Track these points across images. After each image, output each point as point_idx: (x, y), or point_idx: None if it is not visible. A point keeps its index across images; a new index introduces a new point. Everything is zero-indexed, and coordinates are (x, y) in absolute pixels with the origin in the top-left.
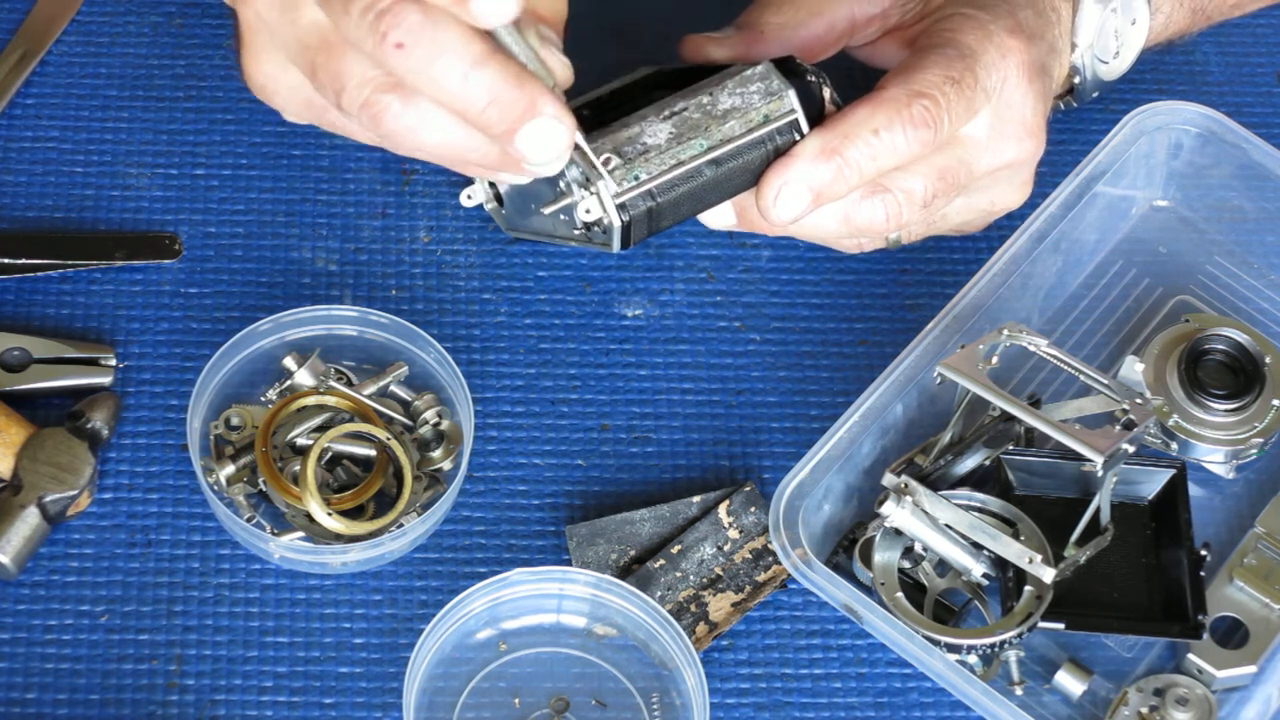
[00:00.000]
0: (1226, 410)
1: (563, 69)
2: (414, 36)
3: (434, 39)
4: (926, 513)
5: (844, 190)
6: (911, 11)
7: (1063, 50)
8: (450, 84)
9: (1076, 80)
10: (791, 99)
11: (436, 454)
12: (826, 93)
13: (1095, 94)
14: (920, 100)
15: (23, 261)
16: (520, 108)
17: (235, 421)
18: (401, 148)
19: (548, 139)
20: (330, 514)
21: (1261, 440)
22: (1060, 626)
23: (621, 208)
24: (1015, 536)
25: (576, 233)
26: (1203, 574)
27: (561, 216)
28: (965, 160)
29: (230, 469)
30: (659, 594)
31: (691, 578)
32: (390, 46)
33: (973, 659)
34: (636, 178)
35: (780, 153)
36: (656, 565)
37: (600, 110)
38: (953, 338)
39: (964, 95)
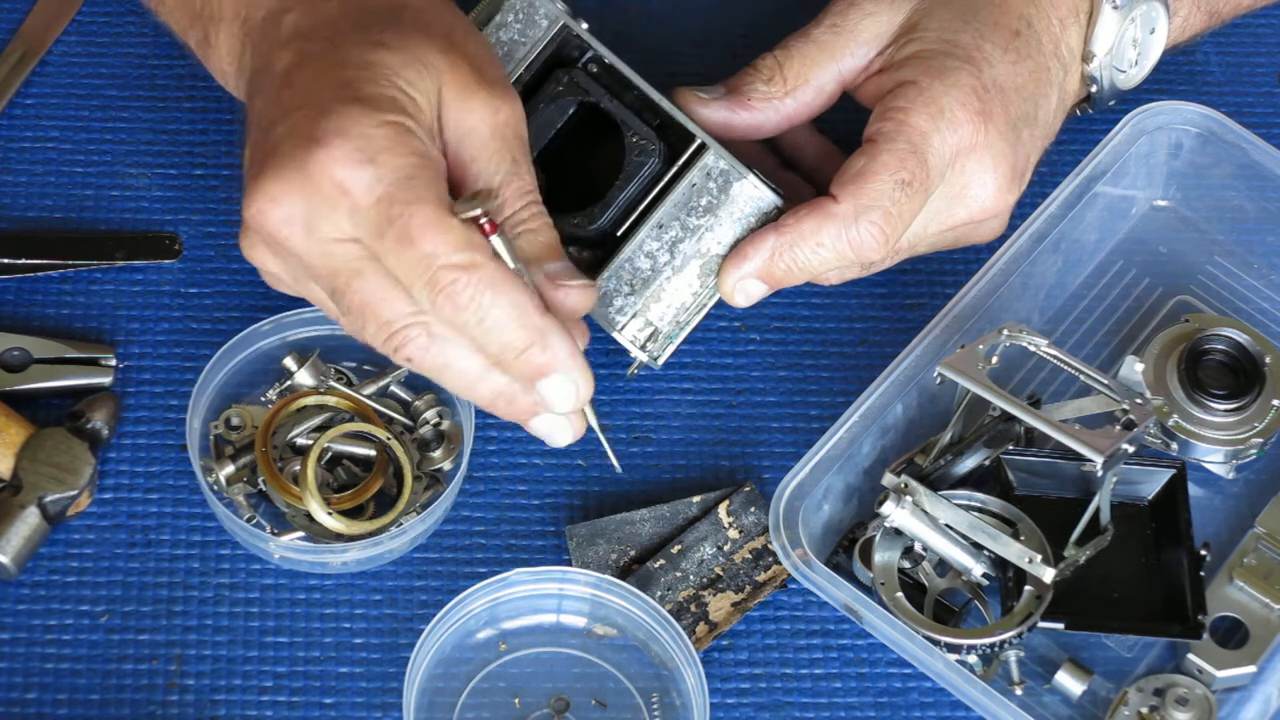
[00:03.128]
0: (1226, 410)
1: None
2: (471, 297)
3: (493, 298)
4: (926, 513)
5: (793, 283)
6: (898, 54)
7: (1068, 64)
8: (494, 336)
9: (1093, 89)
10: (770, 199)
11: (436, 454)
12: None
13: (1112, 102)
14: (868, 216)
15: (23, 261)
16: (546, 358)
17: (235, 421)
18: (415, 369)
19: (569, 392)
20: (330, 514)
21: (1261, 440)
22: (1060, 626)
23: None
24: (1015, 536)
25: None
26: (1203, 574)
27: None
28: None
29: (230, 469)
30: (659, 594)
31: (691, 578)
32: (443, 297)
33: (973, 659)
34: (670, 340)
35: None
36: (656, 565)
37: (550, 166)
38: (953, 338)
39: (915, 194)
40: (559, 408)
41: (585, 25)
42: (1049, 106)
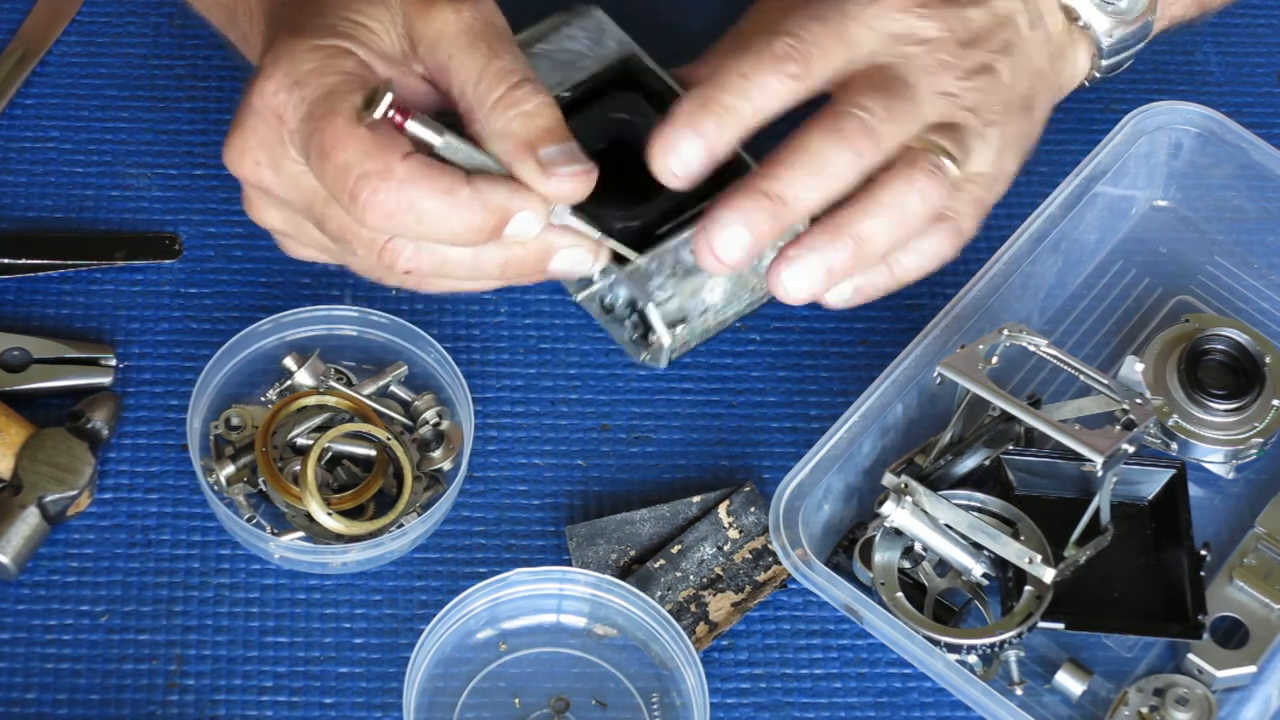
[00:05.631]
0: (1226, 410)
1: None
2: (396, 201)
3: (418, 194)
4: (926, 513)
5: (730, 138)
6: None
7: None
8: (440, 226)
9: (1080, 23)
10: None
11: (436, 454)
12: None
13: (1112, 38)
14: (781, 39)
15: (23, 261)
16: (495, 217)
17: (235, 421)
18: (419, 284)
19: (531, 218)
20: (330, 514)
21: (1261, 440)
22: (1060, 626)
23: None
24: (1015, 536)
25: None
26: (1203, 574)
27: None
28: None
29: (230, 469)
30: (659, 594)
31: (691, 578)
32: (366, 210)
33: (973, 659)
34: (692, 335)
35: None
36: (656, 565)
37: (577, 105)
38: (953, 338)
39: (828, 26)
40: (530, 235)
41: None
42: (1006, 5)
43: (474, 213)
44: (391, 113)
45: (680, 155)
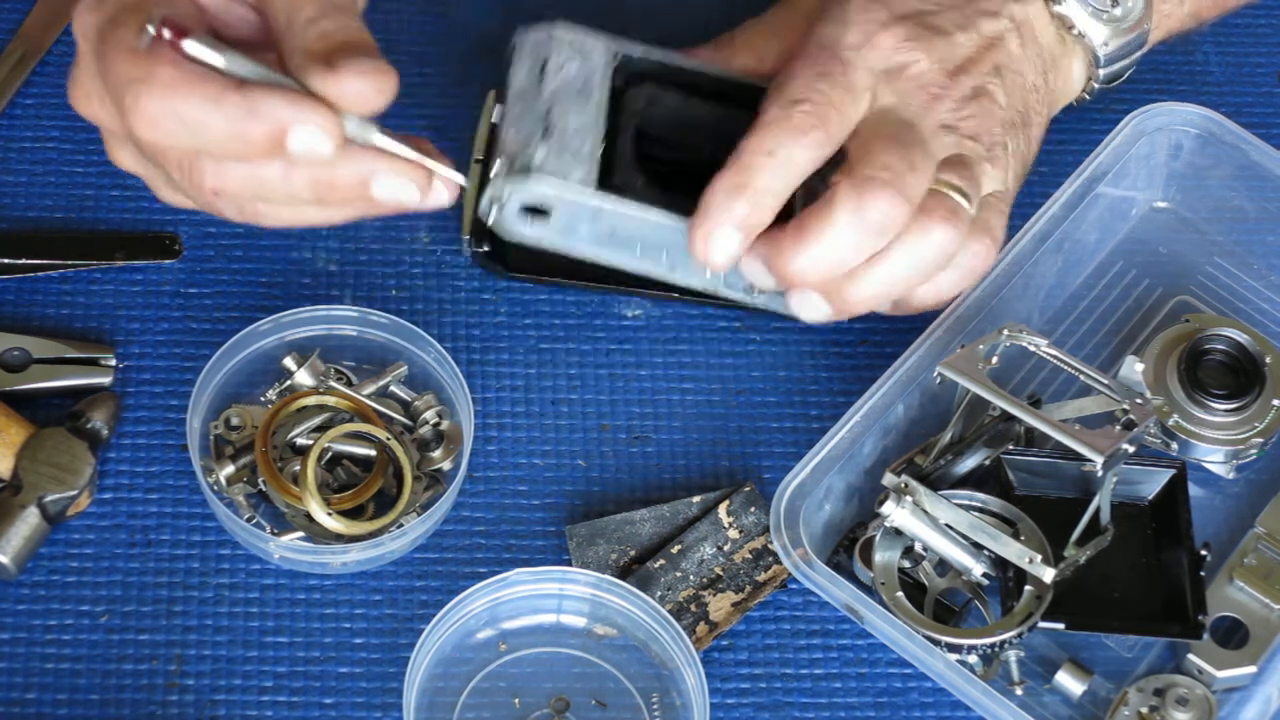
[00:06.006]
0: (1226, 410)
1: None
2: (159, 106)
3: (182, 99)
4: (926, 513)
5: (767, 217)
6: None
7: (1016, 12)
8: (210, 134)
9: (1075, 31)
10: None
11: (436, 454)
12: None
13: (1109, 45)
14: (798, 108)
15: (23, 261)
16: (267, 126)
17: (235, 421)
18: (232, 213)
19: (315, 133)
20: (330, 514)
21: (1261, 440)
22: (1060, 626)
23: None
24: (1015, 536)
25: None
26: (1203, 574)
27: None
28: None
29: (230, 469)
30: (659, 594)
31: (691, 578)
32: (132, 117)
33: (973, 659)
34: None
35: None
36: (656, 565)
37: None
38: (954, 338)
39: (837, 83)
40: (321, 153)
41: (637, 46)
42: (994, 26)
43: (242, 121)
44: (166, 32)
45: (721, 247)
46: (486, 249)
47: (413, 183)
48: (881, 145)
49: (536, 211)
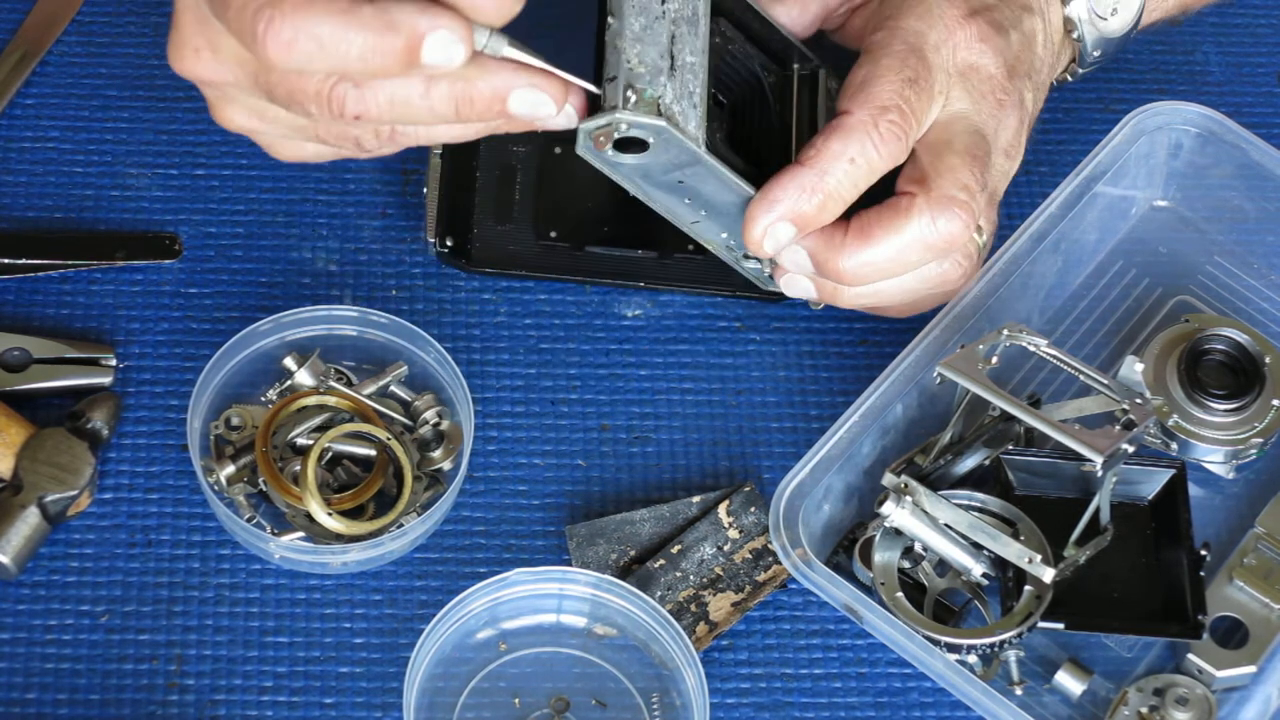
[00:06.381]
0: (1226, 410)
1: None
2: (293, 29)
3: (315, 19)
4: (926, 513)
5: (830, 219)
6: None
7: (1046, 10)
8: (346, 51)
9: (1075, 35)
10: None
11: (436, 454)
12: (831, 84)
13: (1097, 53)
14: (885, 117)
15: (23, 261)
16: (403, 38)
17: (235, 421)
18: (374, 129)
19: (450, 40)
20: (330, 514)
21: (1261, 440)
22: (1060, 626)
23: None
24: (1015, 536)
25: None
26: (1203, 574)
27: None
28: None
29: (230, 469)
30: (659, 594)
31: (691, 578)
32: (265, 46)
33: (973, 659)
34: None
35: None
36: (656, 565)
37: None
38: (953, 338)
39: (922, 91)
40: (454, 61)
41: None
42: (1031, 23)
43: (377, 33)
44: None
45: (778, 239)
46: (449, 246)
47: (550, 97)
48: (959, 161)
49: (629, 142)
